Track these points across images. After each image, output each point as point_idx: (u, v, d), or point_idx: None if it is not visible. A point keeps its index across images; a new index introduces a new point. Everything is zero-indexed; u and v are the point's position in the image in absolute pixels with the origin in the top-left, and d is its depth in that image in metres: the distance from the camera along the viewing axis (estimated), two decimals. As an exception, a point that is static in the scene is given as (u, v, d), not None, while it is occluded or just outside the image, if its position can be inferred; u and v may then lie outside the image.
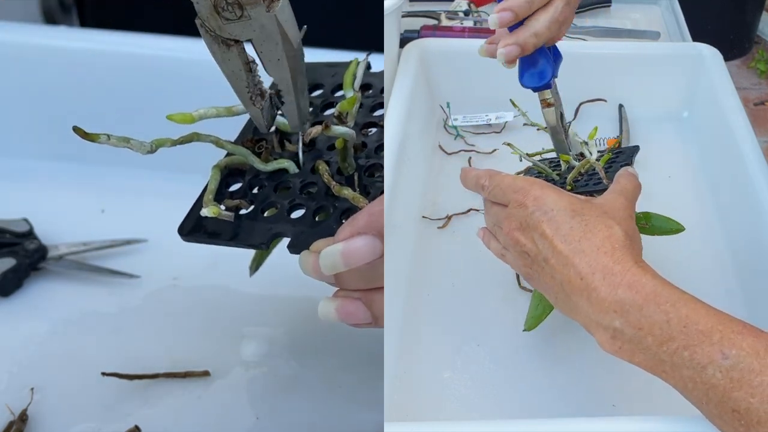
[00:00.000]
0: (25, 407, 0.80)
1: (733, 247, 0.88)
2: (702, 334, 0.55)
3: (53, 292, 0.93)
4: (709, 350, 0.54)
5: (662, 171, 1.00)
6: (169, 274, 0.95)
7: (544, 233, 0.62)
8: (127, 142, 0.66)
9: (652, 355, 0.57)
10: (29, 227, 0.96)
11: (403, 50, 1.06)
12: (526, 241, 0.64)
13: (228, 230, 0.68)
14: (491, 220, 0.70)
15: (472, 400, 0.74)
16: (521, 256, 0.65)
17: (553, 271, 0.62)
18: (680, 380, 0.56)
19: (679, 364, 0.55)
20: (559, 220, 0.62)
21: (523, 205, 0.64)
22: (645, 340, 0.57)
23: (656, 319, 0.56)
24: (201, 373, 0.84)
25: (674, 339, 0.55)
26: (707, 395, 0.54)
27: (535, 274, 0.64)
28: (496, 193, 0.68)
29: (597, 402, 0.73)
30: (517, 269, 0.69)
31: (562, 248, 0.61)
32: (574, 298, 0.60)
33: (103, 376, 0.82)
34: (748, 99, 2.34)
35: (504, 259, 0.70)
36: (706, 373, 0.54)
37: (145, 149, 0.67)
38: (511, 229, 0.65)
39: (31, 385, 0.82)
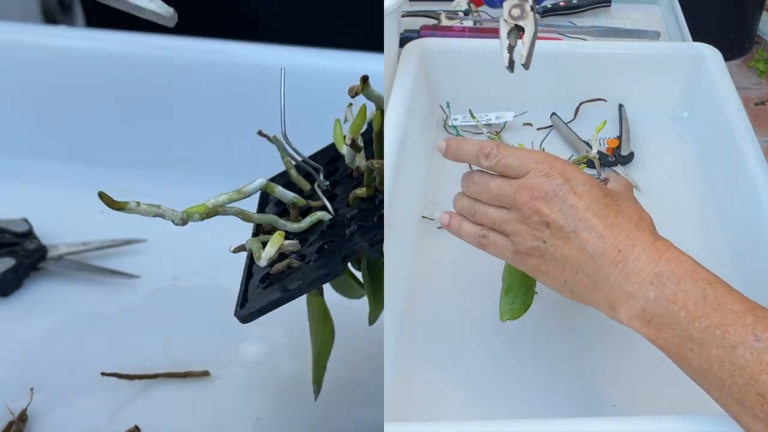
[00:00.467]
0: (24, 407, 0.80)
1: (733, 247, 0.88)
2: (736, 315, 0.55)
3: (53, 292, 0.93)
4: (742, 331, 0.55)
5: (662, 171, 1.00)
6: (168, 274, 0.95)
7: (575, 205, 0.62)
8: (158, 209, 0.65)
9: (682, 330, 0.57)
10: (29, 227, 0.96)
11: (403, 50, 1.05)
12: (550, 212, 0.62)
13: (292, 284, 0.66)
14: (485, 195, 0.67)
15: (472, 400, 0.74)
16: (537, 228, 0.63)
17: (583, 243, 0.61)
18: (706, 359, 0.56)
19: (708, 342, 0.55)
20: (593, 195, 0.62)
21: (549, 175, 0.63)
22: (678, 314, 0.57)
23: (692, 294, 0.57)
24: (201, 373, 0.84)
25: (708, 316, 0.56)
26: (733, 376, 0.54)
27: (551, 247, 0.63)
28: (509, 162, 0.65)
29: (597, 402, 0.73)
30: (506, 251, 0.66)
31: (596, 222, 0.61)
32: (606, 269, 0.60)
33: (103, 376, 0.82)
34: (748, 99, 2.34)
35: (483, 242, 0.68)
36: (736, 353, 0.54)
37: (177, 217, 0.66)
38: (532, 198, 0.63)
39: (30, 385, 0.81)
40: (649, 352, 0.74)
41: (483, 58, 1.07)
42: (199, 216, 0.67)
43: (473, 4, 1.23)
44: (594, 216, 0.61)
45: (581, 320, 0.80)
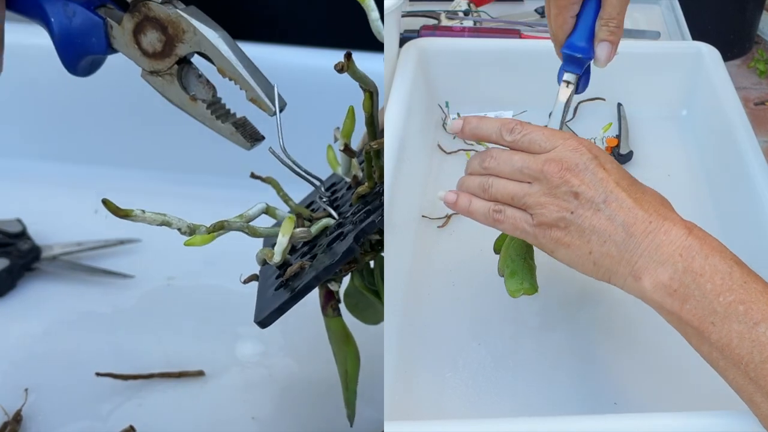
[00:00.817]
0: (19, 408, 0.79)
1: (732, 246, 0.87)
2: (760, 293, 0.57)
3: (47, 293, 0.93)
4: (765, 309, 0.56)
5: (661, 169, 0.99)
6: (163, 274, 0.94)
7: (605, 179, 0.62)
8: (164, 217, 0.65)
9: (707, 303, 0.57)
10: (22, 227, 0.96)
11: (402, 50, 1.05)
12: (580, 183, 0.62)
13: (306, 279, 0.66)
14: (507, 169, 0.66)
15: (473, 398, 0.73)
16: (563, 199, 0.63)
17: (614, 213, 0.61)
18: (726, 334, 0.56)
19: (731, 317, 0.56)
20: (621, 173, 0.64)
21: (578, 150, 0.64)
22: (704, 286, 0.58)
23: (720, 269, 0.58)
24: (196, 372, 0.83)
25: (733, 291, 0.57)
26: (751, 353, 0.55)
27: (578, 217, 0.62)
28: (535, 137, 0.65)
29: (598, 400, 0.72)
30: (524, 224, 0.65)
31: (625, 196, 0.62)
32: (637, 238, 0.60)
33: (98, 377, 0.82)
34: (748, 99, 2.34)
35: (498, 218, 0.67)
36: (758, 330, 0.55)
37: (184, 226, 0.66)
38: (561, 169, 0.63)
39: (25, 386, 0.81)
40: (651, 350, 0.74)
41: (482, 57, 1.07)
42: (207, 230, 0.66)
43: (473, 4, 1.23)
44: (623, 191, 0.62)
45: (582, 318, 0.79)
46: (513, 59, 1.06)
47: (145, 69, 0.66)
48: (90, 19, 0.66)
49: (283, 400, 0.81)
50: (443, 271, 0.86)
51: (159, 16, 0.63)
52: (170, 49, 0.65)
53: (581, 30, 0.76)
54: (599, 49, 0.75)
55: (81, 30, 0.66)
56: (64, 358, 0.85)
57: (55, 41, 0.67)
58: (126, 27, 0.64)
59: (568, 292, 0.77)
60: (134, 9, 0.64)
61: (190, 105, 0.67)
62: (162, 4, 0.63)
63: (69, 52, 0.67)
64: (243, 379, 0.83)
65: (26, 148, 1.09)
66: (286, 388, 0.82)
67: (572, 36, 0.76)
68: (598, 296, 0.80)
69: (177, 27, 0.64)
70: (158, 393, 0.82)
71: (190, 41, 0.64)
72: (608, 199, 0.62)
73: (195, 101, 0.66)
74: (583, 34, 0.75)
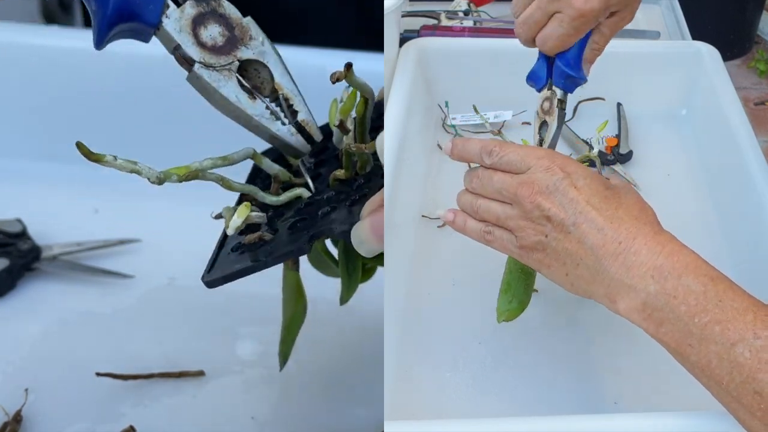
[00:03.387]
0: (19, 408, 0.79)
1: (732, 245, 0.88)
2: (736, 311, 0.55)
3: (47, 293, 0.93)
4: (742, 328, 0.54)
5: (661, 169, 0.99)
6: (163, 274, 0.94)
7: (575, 199, 0.62)
8: (135, 165, 0.64)
9: (682, 325, 0.56)
10: (22, 227, 0.96)
11: (401, 49, 1.05)
12: (551, 206, 0.62)
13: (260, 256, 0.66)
14: (489, 191, 0.67)
15: (473, 398, 0.73)
16: (538, 223, 0.63)
17: (583, 236, 0.61)
18: (705, 355, 0.55)
19: (707, 338, 0.55)
20: (592, 188, 0.62)
21: (550, 170, 0.63)
22: (678, 308, 0.56)
23: (693, 289, 0.56)
24: (196, 373, 0.83)
25: (708, 311, 0.55)
26: (731, 374, 0.54)
27: (552, 241, 0.63)
28: (511, 159, 0.66)
29: (599, 399, 0.72)
30: (511, 246, 0.66)
31: (595, 215, 0.61)
32: (606, 261, 0.60)
33: (98, 377, 0.81)
34: (748, 99, 2.34)
35: (488, 238, 0.68)
36: (735, 350, 0.54)
37: (153, 175, 0.65)
38: (532, 193, 0.63)
39: (25, 386, 0.81)
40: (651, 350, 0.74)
41: (481, 57, 1.07)
42: (178, 178, 0.66)
43: (473, 4, 1.22)
44: (594, 209, 0.61)
45: (582, 318, 0.79)
46: (513, 59, 1.05)
47: (195, 59, 0.66)
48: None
49: (283, 400, 0.81)
50: (443, 270, 0.86)
51: (230, 15, 0.64)
52: (231, 48, 0.66)
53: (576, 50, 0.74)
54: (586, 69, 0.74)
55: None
56: (64, 358, 0.85)
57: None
58: (187, 12, 0.65)
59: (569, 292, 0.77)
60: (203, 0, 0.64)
61: (248, 103, 0.67)
62: None
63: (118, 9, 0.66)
64: (243, 379, 0.83)
65: (26, 148, 1.09)
66: (286, 388, 0.82)
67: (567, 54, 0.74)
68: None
69: (245, 31, 0.65)
70: (158, 393, 0.81)
71: (254, 48, 0.65)
72: (578, 221, 0.61)
73: (254, 99, 0.66)
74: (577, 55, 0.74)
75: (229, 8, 0.64)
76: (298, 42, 1.08)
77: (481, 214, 0.68)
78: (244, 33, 0.65)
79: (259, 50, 0.66)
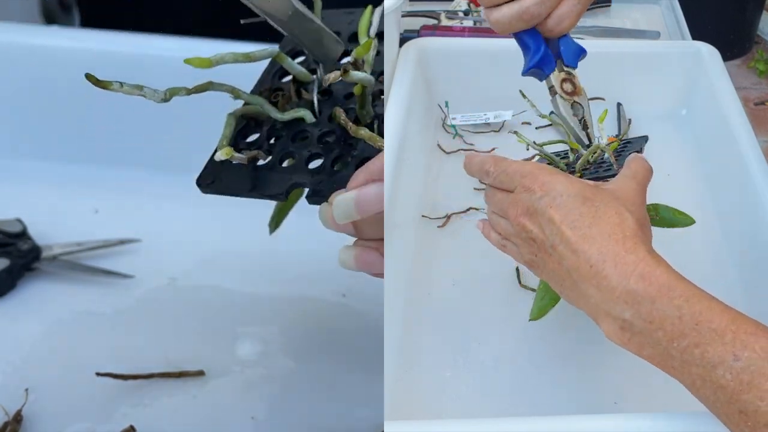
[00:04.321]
0: (19, 408, 0.79)
1: (733, 245, 0.88)
2: (714, 333, 0.53)
3: (47, 293, 0.93)
4: (721, 350, 0.53)
5: (661, 169, 0.98)
6: (163, 274, 0.94)
7: (552, 219, 0.60)
8: (140, 90, 0.65)
9: (662, 350, 0.55)
10: (23, 227, 0.96)
11: (401, 49, 1.05)
12: (533, 227, 0.62)
13: (246, 182, 0.67)
14: (494, 208, 0.68)
15: (473, 398, 0.73)
16: (527, 243, 0.63)
17: (561, 258, 0.60)
18: (688, 377, 0.55)
19: (688, 362, 0.54)
20: (569, 206, 0.60)
21: (530, 190, 0.62)
22: (655, 334, 0.55)
23: (668, 314, 0.55)
24: (196, 372, 0.83)
25: (685, 336, 0.54)
26: (715, 394, 0.53)
27: (541, 261, 0.63)
28: (502, 179, 0.66)
29: (599, 399, 0.72)
30: (520, 259, 0.67)
31: (569, 234, 0.59)
32: (582, 285, 0.59)
33: (98, 377, 0.81)
34: (748, 99, 2.34)
35: (505, 250, 0.69)
36: (716, 373, 0.53)
37: (158, 97, 0.66)
38: (517, 214, 0.63)
39: (25, 386, 0.81)
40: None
41: (481, 57, 1.07)
42: (187, 91, 0.67)
43: (473, 4, 1.22)
44: (568, 228, 0.60)
45: (583, 318, 0.78)
46: (513, 59, 1.06)
47: None
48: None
49: (283, 400, 0.81)
50: (443, 270, 0.86)
51: None
52: None
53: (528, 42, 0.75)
54: None
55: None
56: (64, 358, 0.85)
57: None
58: None
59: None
60: None
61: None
62: None
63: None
64: (243, 379, 0.83)
65: (26, 148, 1.09)
66: (286, 388, 0.82)
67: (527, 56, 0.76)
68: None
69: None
70: (158, 393, 0.81)
71: None
72: (554, 243, 0.60)
73: None
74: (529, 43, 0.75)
75: None
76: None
77: (495, 227, 0.69)
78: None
79: None
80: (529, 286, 0.82)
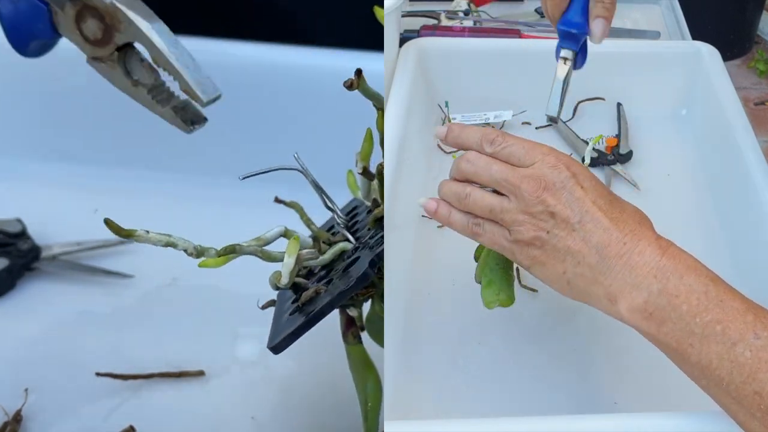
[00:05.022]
0: (19, 408, 0.79)
1: (732, 245, 0.88)
2: (737, 312, 0.56)
3: (47, 293, 0.93)
4: (742, 328, 0.55)
5: (661, 169, 0.99)
6: (162, 274, 0.94)
7: (581, 198, 0.61)
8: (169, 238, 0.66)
9: (684, 324, 0.57)
10: (22, 227, 0.96)
11: (401, 49, 1.05)
12: (557, 203, 0.62)
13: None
14: (487, 179, 0.65)
15: (473, 398, 0.73)
16: (539, 218, 0.62)
17: (588, 235, 0.61)
18: (706, 355, 0.56)
19: (709, 337, 0.55)
20: (598, 191, 0.62)
21: (556, 168, 0.62)
22: (680, 307, 0.57)
23: (695, 289, 0.57)
24: (196, 372, 0.83)
25: (709, 311, 0.56)
26: (731, 374, 0.54)
27: (552, 238, 0.62)
28: (514, 150, 0.65)
29: (598, 399, 0.72)
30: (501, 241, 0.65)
31: (601, 216, 0.61)
32: (610, 261, 0.60)
33: (98, 377, 0.81)
34: (748, 99, 2.34)
35: (476, 229, 0.66)
36: (736, 350, 0.54)
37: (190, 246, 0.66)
38: (536, 188, 0.62)
39: (25, 386, 0.81)
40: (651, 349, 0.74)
41: (481, 57, 1.07)
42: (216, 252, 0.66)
43: (473, 4, 1.22)
44: (599, 210, 0.61)
45: (582, 317, 0.79)
46: (513, 59, 1.06)
47: (88, 55, 0.66)
48: (34, 5, 0.66)
49: (283, 400, 0.81)
50: (443, 270, 0.86)
51: (97, 6, 0.64)
52: (109, 37, 0.65)
53: (576, 6, 0.77)
54: (594, 25, 0.75)
55: (26, 15, 0.67)
56: (64, 358, 0.85)
57: (2, 25, 0.67)
58: (68, 14, 0.65)
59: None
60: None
61: (132, 90, 0.67)
62: None
63: (16, 35, 0.69)
64: (243, 379, 0.83)
65: (26, 148, 1.09)
66: (286, 388, 0.82)
67: (567, 12, 0.77)
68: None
69: (114, 17, 0.64)
70: (158, 393, 0.81)
71: (126, 31, 0.64)
72: (583, 220, 0.61)
73: (137, 86, 0.67)
74: (578, 11, 0.76)
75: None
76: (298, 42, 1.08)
77: (470, 204, 0.66)
78: (114, 19, 0.64)
79: (129, 32, 0.64)
80: (529, 286, 0.82)
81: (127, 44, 0.65)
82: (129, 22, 0.63)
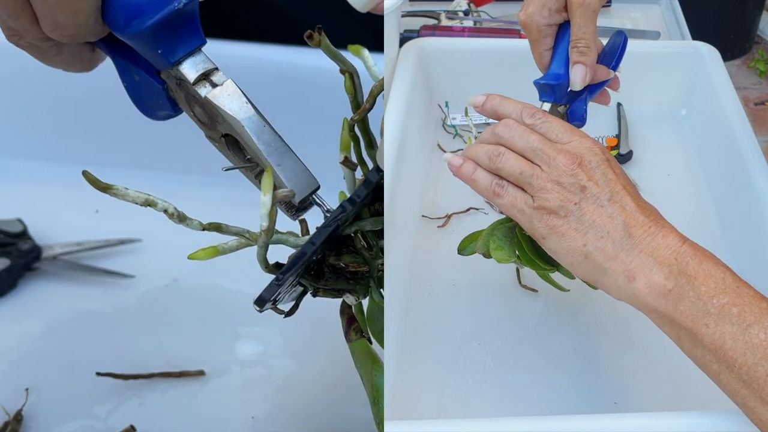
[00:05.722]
0: (20, 407, 0.79)
1: (732, 245, 0.88)
2: (752, 298, 0.58)
3: (47, 293, 0.93)
4: (758, 312, 0.57)
5: (661, 169, 0.99)
6: (163, 274, 0.94)
7: (614, 180, 0.64)
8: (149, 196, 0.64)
9: (701, 305, 0.58)
10: (23, 227, 0.96)
11: (401, 49, 1.05)
12: (589, 179, 0.63)
13: None
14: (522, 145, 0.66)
15: (473, 398, 0.73)
16: (569, 190, 0.63)
17: (616, 213, 0.62)
18: (720, 336, 0.57)
19: (724, 318, 0.57)
20: (628, 180, 0.65)
21: (592, 149, 0.65)
22: (698, 288, 0.58)
23: (713, 273, 0.59)
24: (196, 372, 0.83)
25: (726, 294, 0.58)
26: (745, 354, 0.56)
27: (579, 210, 0.63)
28: (553, 127, 0.67)
29: (598, 399, 0.72)
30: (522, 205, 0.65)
31: (629, 200, 0.63)
32: (635, 239, 0.61)
33: (98, 377, 0.81)
34: (748, 99, 2.34)
35: (498, 190, 0.67)
36: (751, 331, 0.56)
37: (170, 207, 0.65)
38: (573, 162, 0.64)
39: (26, 386, 0.81)
40: (651, 350, 0.74)
41: (481, 57, 1.07)
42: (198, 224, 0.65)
43: (473, 4, 1.22)
44: (628, 195, 0.63)
45: (582, 318, 0.79)
46: (513, 59, 1.06)
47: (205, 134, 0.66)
48: (151, 85, 0.65)
49: (283, 400, 0.81)
50: (443, 270, 0.86)
51: (196, 96, 0.63)
52: (213, 124, 0.64)
53: (558, 58, 0.77)
54: (572, 73, 0.75)
55: (147, 92, 0.66)
56: (64, 358, 0.85)
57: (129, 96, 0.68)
58: (180, 96, 0.64)
59: (568, 292, 0.77)
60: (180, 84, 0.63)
61: (244, 170, 0.67)
62: (196, 84, 0.62)
63: (141, 106, 0.68)
64: (243, 379, 0.83)
65: (26, 148, 1.09)
66: (286, 388, 0.82)
67: (551, 66, 0.78)
68: (598, 296, 0.80)
69: (212, 109, 0.63)
70: (158, 393, 0.81)
71: (224, 123, 0.63)
72: (613, 198, 0.63)
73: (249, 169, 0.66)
74: (559, 62, 0.77)
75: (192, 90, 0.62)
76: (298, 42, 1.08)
77: (501, 162, 0.67)
78: (212, 111, 0.63)
79: (226, 125, 0.63)
80: (529, 287, 0.82)
81: None
82: (223, 116, 0.63)
